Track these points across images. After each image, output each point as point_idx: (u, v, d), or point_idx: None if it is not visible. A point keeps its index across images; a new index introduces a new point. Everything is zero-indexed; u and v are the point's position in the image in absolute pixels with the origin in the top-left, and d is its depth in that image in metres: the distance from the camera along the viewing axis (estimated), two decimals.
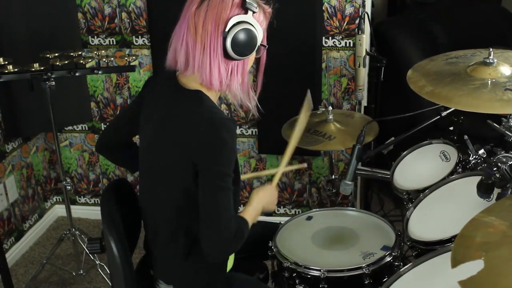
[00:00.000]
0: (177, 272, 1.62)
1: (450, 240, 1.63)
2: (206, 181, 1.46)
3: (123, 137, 1.79)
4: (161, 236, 1.61)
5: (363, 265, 1.68)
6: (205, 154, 1.45)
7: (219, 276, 1.63)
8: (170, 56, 1.53)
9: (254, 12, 1.46)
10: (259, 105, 1.62)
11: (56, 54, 2.39)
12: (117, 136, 1.79)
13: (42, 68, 2.32)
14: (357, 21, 2.56)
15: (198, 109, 1.48)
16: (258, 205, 1.67)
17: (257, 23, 1.47)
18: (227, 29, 1.43)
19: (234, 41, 1.44)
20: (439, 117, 2.07)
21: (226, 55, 1.46)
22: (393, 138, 2.09)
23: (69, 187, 2.59)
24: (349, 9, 2.68)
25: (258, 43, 1.49)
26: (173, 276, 1.63)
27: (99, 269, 2.66)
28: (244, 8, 1.45)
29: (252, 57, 1.53)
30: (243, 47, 1.45)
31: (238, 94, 1.54)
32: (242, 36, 1.44)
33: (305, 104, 2.00)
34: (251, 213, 1.62)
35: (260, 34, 1.49)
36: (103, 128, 3.11)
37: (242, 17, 1.44)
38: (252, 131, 2.97)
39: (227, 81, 1.50)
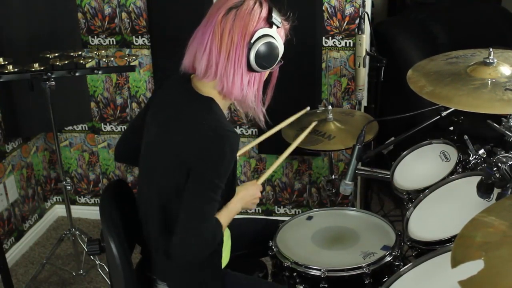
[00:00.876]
0: (171, 270, 1.62)
1: (450, 240, 1.63)
2: (197, 187, 1.46)
3: (134, 147, 1.78)
4: (155, 234, 1.61)
5: (363, 264, 1.68)
6: (203, 161, 1.45)
7: (213, 273, 1.64)
8: (188, 59, 1.54)
9: (278, 27, 1.50)
10: (267, 117, 1.64)
11: (56, 54, 2.39)
12: (128, 146, 1.79)
13: (42, 68, 2.32)
14: (357, 21, 2.57)
15: (206, 116, 1.49)
16: (237, 205, 1.65)
17: (279, 38, 1.51)
18: (252, 41, 1.45)
19: (258, 53, 1.46)
20: (439, 117, 2.07)
21: (248, 67, 1.48)
22: (393, 138, 2.09)
23: (69, 187, 2.59)
24: (349, 9, 2.68)
25: (279, 57, 1.52)
26: (168, 274, 1.63)
27: (99, 269, 2.66)
28: (269, 22, 1.48)
29: (268, 70, 1.56)
30: (265, 60, 1.48)
31: (252, 105, 1.56)
32: (265, 49, 1.47)
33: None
34: (227, 215, 1.59)
35: (281, 48, 1.52)
36: (103, 128, 3.12)
37: (267, 31, 1.47)
38: (252, 131, 2.97)
39: (246, 92, 1.52)
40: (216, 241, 1.53)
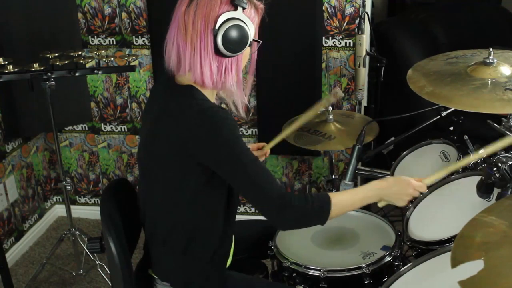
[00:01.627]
0: (173, 270, 1.62)
1: (450, 240, 1.63)
2: (227, 171, 1.46)
3: None
4: (158, 233, 1.61)
5: (363, 265, 1.68)
6: (205, 146, 1.44)
7: (215, 273, 1.63)
8: (166, 58, 1.54)
9: (244, 8, 1.46)
10: (248, 104, 1.62)
11: (56, 54, 2.38)
12: None
13: (42, 68, 2.32)
14: (357, 21, 2.57)
15: (188, 102, 1.48)
16: (368, 191, 1.58)
17: (247, 19, 1.47)
18: (217, 27, 1.43)
19: (225, 38, 1.44)
20: (439, 117, 2.07)
21: (218, 53, 1.46)
22: (393, 138, 2.09)
23: (69, 187, 2.59)
24: (349, 9, 2.68)
25: (250, 39, 1.49)
26: (170, 274, 1.63)
27: (99, 269, 2.66)
28: (234, 5, 1.45)
29: (246, 53, 1.53)
30: (234, 44, 1.45)
31: (234, 91, 1.54)
32: (232, 33, 1.44)
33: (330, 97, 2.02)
34: (345, 193, 1.59)
35: (251, 30, 1.48)
36: (103, 128, 3.12)
37: (231, 14, 1.44)
38: (252, 131, 2.97)
39: (221, 79, 1.50)
40: (315, 204, 1.48)
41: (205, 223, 1.57)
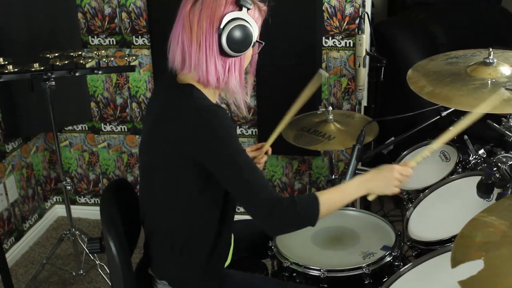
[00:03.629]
0: (171, 268, 1.63)
1: (450, 240, 1.63)
2: (220, 170, 1.46)
3: None
4: (156, 232, 1.62)
5: (363, 265, 1.68)
6: (200, 145, 1.45)
7: (213, 272, 1.64)
8: (170, 57, 1.54)
9: (248, 9, 1.47)
10: (249, 104, 1.63)
11: (56, 54, 2.38)
12: None
13: (42, 68, 2.32)
14: (357, 21, 2.57)
15: (186, 102, 1.48)
16: (355, 186, 1.58)
17: (252, 20, 1.48)
18: (221, 26, 1.44)
19: (229, 37, 1.45)
20: (439, 117, 2.07)
21: (222, 52, 1.47)
22: (393, 138, 2.09)
23: (69, 187, 2.59)
24: (349, 9, 2.68)
25: (254, 40, 1.50)
26: (167, 273, 1.64)
27: (99, 269, 2.66)
28: (239, 5, 1.46)
29: (248, 54, 1.54)
30: (238, 44, 1.46)
31: (236, 91, 1.55)
32: (237, 33, 1.45)
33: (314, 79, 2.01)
34: (332, 190, 1.57)
35: (255, 31, 1.50)
36: (103, 128, 3.12)
37: (236, 14, 1.46)
38: (252, 131, 2.97)
39: (225, 78, 1.51)
40: (303, 205, 1.48)
41: (203, 222, 1.57)
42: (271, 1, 1.58)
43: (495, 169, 1.59)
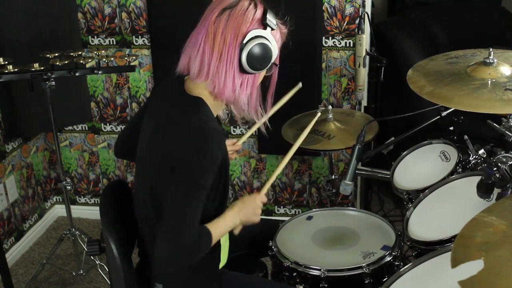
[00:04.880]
0: (168, 272, 1.62)
1: (450, 240, 1.63)
2: (180, 186, 1.43)
3: (133, 144, 1.77)
4: (152, 233, 1.61)
5: (363, 264, 1.68)
6: (185, 160, 1.44)
7: (210, 273, 1.63)
8: (183, 61, 1.54)
9: (272, 29, 1.49)
10: (268, 124, 1.64)
11: (56, 54, 2.38)
12: (127, 144, 1.79)
13: (42, 68, 2.32)
14: (357, 21, 2.56)
15: (191, 116, 1.48)
16: (232, 218, 1.60)
17: (273, 40, 1.50)
18: (244, 41, 1.45)
19: (250, 54, 1.45)
20: (439, 117, 2.07)
21: (241, 68, 1.47)
22: (393, 138, 2.09)
23: (69, 187, 2.59)
24: (349, 9, 2.68)
25: (273, 60, 1.51)
26: (164, 275, 1.63)
27: (99, 269, 2.66)
28: (264, 24, 1.47)
29: (262, 73, 1.55)
30: (257, 61, 1.47)
31: (244, 107, 1.55)
32: (258, 50, 1.46)
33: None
34: (219, 226, 1.55)
35: (275, 51, 1.51)
36: (103, 128, 3.12)
37: (260, 32, 1.46)
38: (252, 132, 2.97)
39: (237, 94, 1.51)
40: (201, 248, 1.47)
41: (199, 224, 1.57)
42: (292, 25, 1.59)
43: (495, 169, 1.59)
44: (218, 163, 1.47)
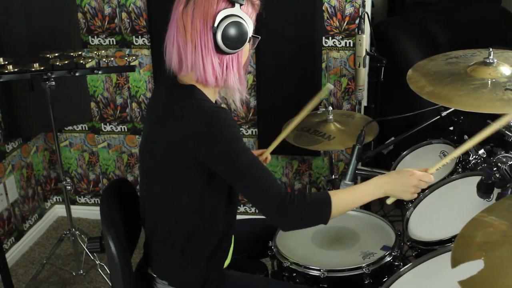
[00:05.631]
0: (171, 268, 1.63)
1: (450, 240, 1.63)
2: (227, 171, 1.47)
3: None
4: (157, 232, 1.62)
5: (363, 265, 1.68)
6: (205, 146, 1.44)
7: (213, 272, 1.64)
8: (166, 58, 1.54)
9: (241, 5, 1.47)
10: (249, 101, 1.63)
11: (56, 54, 2.38)
12: None
13: (42, 68, 2.32)
14: (357, 21, 2.57)
15: (188, 102, 1.48)
16: (373, 188, 1.57)
17: (245, 15, 1.48)
18: (215, 24, 1.44)
19: (224, 35, 1.44)
20: (439, 117, 2.07)
21: (219, 50, 1.46)
22: (393, 138, 2.09)
23: (69, 187, 2.59)
24: (349, 9, 2.68)
25: (249, 35, 1.50)
26: (168, 272, 1.64)
27: (99, 269, 2.66)
28: (231, 2, 1.45)
29: (245, 49, 1.54)
30: (234, 40, 1.46)
31: (237, 87, 1.54)
32: (232, 30, 1.45)
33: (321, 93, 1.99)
34: (350, 192, 1.57)
35: (250, 26, 1.49)
36: (103, 128, 3.12)
37: (229, 11, 1.45)
38: (252, 131, 2.97)
39: (224, 76, 1.50)
40: (317, 205, 1.50)
41: (205, 222, 1.57)
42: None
43: (495, 169, 1.59)
44: (236, 126, 1.49)
